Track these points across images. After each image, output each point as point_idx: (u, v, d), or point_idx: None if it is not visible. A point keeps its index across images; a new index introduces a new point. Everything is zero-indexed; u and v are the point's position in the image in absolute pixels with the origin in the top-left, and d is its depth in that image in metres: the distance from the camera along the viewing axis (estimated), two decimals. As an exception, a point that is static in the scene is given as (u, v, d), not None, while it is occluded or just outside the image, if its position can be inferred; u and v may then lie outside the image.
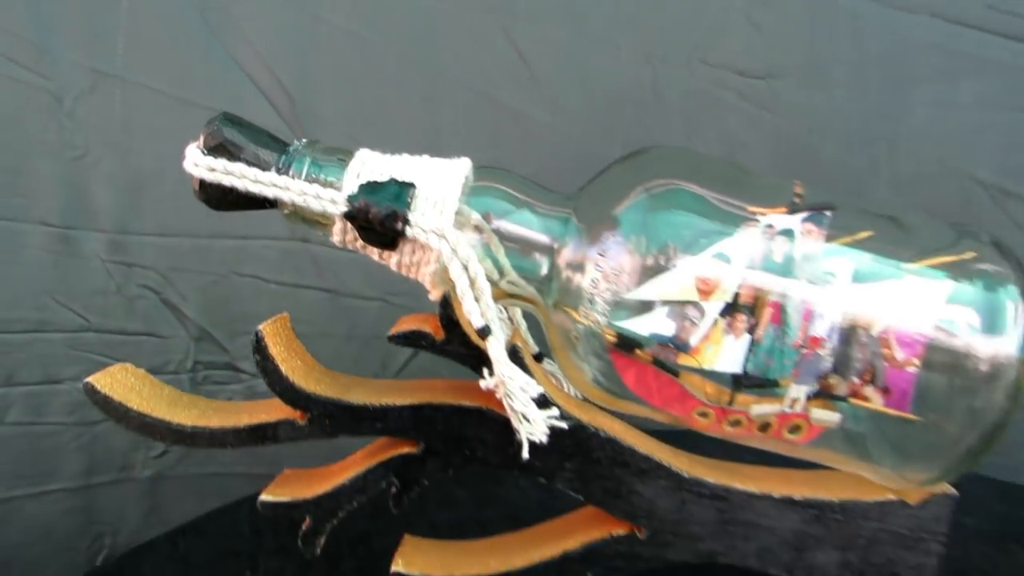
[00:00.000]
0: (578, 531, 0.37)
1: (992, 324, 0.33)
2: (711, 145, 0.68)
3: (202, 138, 0.34)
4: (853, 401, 0.34)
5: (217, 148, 0.33)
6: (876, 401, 0.34)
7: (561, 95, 0.69)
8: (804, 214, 0.34)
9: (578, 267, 0.34)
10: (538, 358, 0.39)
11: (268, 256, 0.72)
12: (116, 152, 0.69)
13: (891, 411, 0.34)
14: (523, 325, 0.40)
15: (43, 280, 0.70)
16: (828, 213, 0.34)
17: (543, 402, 0.34)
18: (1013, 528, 0.48)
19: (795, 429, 0.35)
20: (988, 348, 0.33)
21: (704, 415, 0.35)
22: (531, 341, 0.40)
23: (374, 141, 0.67)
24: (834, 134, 0.67)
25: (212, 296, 0.72)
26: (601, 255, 0.33)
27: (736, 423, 0.35)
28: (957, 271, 0.34)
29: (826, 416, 0.34)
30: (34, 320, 0.70)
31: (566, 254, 0.34)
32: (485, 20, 0.67)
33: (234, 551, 0.46)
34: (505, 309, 0.39)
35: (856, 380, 0.33)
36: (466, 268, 0.32)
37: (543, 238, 0.34)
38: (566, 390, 0.38)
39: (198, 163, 0.33)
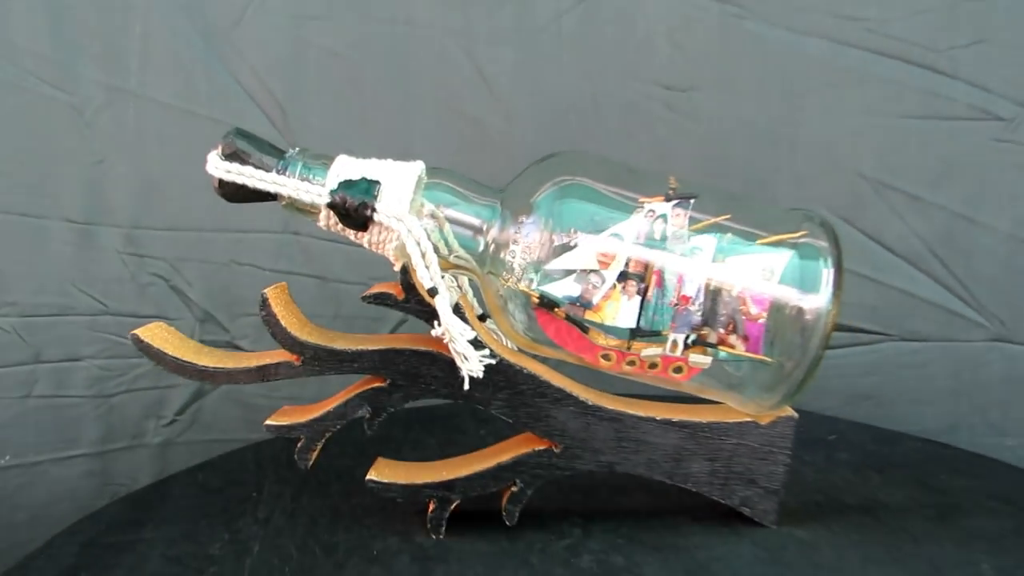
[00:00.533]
0: (510, 449, 0.47)
1: (813, 285, 0.43)
2: (643, 148, 0.75)
3: (220, 147, 0.44)
4: (721, 347, 0.44)
5: (231, 155, 0.43)
6: (738, 347, 0.44)
7: (515, 106, 0.75)
8: (675, 202, 0.44)
9: (504, 243, 0.44)
10: (482, 318, 0.49)
11: (264, 247, 0.77)
12: (130, 158, 0.75)
13: (749, 354, 0.44)
14: (469, 292, 0.50)
15: (66, 270, 0.75)
16: (691, 201, 0.44)
17: (478, 344, 0.44)
18: (875, 460, 0.58)
19: (678, 369, 0.45)
20: (810, 303, 0.43)
21: (607, 357, 0.45)
22: (476, 305, 0.50)
23: (355, 146, 0.73)
24: (744, 138, 0.74)
25: (214, 283, 0.78)
26: (518, 233, 0.44)
27: (632, 363, 0.45)
28: (793, 246, 0.44)
29: (700, 359, 0.45)
30: (58, 305, 0.76)
31: (494, 233, 0.44)
32: (450, 43, 0.74)
33: (243, 480, 0.55)
34: (455, 278, 0.49)
35: (722, 330, 0.44)
36: (419, 244, 0.43)
37: (477, 221, 0.44)
38: (502, 342, 0.48)
39: (217, 167, 0.43)
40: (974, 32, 0.70)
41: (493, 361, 0.45)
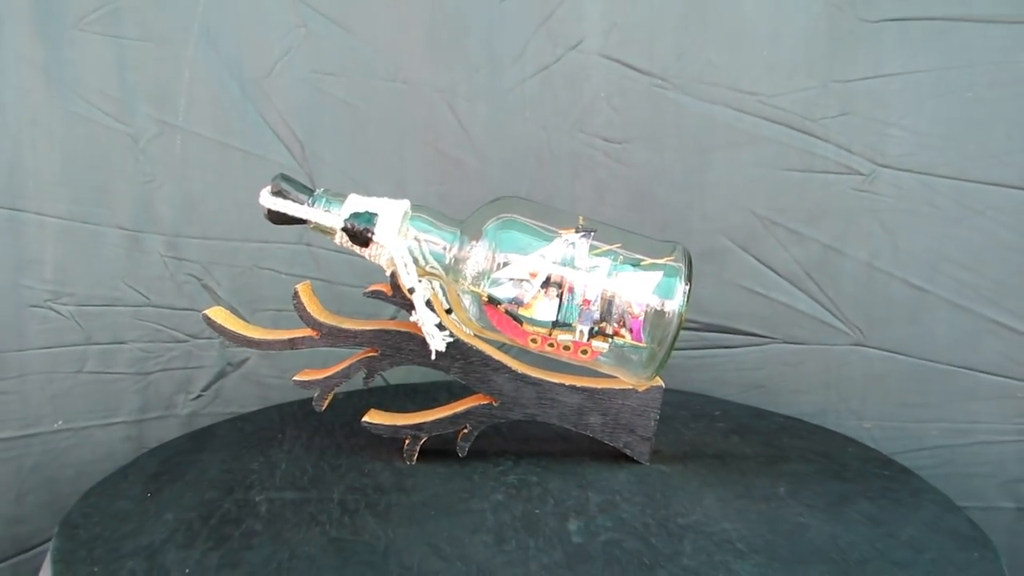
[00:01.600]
0: (463, 404, 0.68)
1: (670, 293, 0.63)
2: (587, 187, 0.88)
3: (269, 186, 0.63)
4: (615, 336, 0.64)
5: (277, 192, 0.63)
6: (627, 336, 0.64)
7: (487, 150, 0.88)
8: (581, 233, 0.65)
9: (462, 259, 0.64)
10: (448, 311, 0.69)
11: (281, 255, 0.89)
12: (175, 179, 0.87)
13: (633, 341, 0.64)
14: (439, 292, 0.69)
15: (117, 268, 0.87)
16: (592, 233, 0.65)
17: (441, 327, 0.65)
18: (742, 430, 0.76)
19: (584, 352, 0.65)
20: (668, 306, 0.63)
21: (534, 341, 0.64)
22: (444, 301, 0.69)
23: (360, 177, 0.91)
24: (664, 182, 0.88)
25: (240, 283, 0.89)
26: (472, 252, 0.64)
27: (551, 346, 0.65)
28: (662, 267, 0.64)
29: (600, 345, 0.64)
30: (109, 297, 0.87)
31: (455, 251, 0.64)
32: (437, 98, 0.88)
33: (271, 427, 0.75)
34: (429, 281, 0.68)
35: (615, 325, 0.64)
36: (402, 258, 0.63)
37: (444, 243, 0.64)
38: (462, 328, 0.68)
39: (267, 200, 0.63)
40: (841, 106, 0.85)
41: (452, 340, 0.65)
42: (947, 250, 0.86)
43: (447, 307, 0.69)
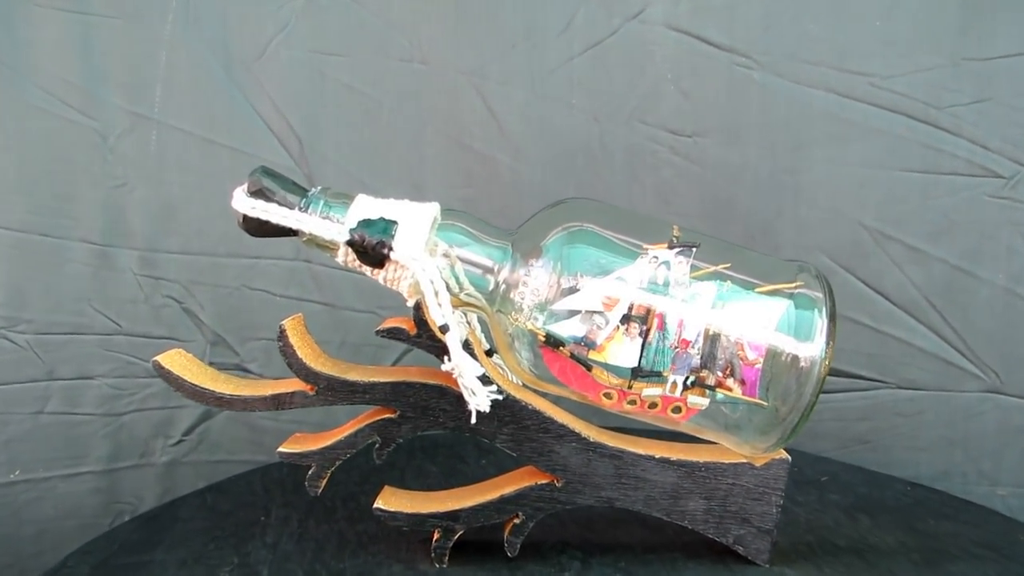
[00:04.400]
0: (514, 482, 0.49)
1: (807, 334, 0.45)
2: (647, 190, 0.76)
3: (246, 184, 0.46)
4: (719, 390, 0.46)
5: (257, 192, 0.45)
6: (735, 390, 0.46)
7: (523, 145, 0.78)
8: (678, 249, 0.47)
9: (513, 284, 0.46)
10: (489, 353, 0.51)
11: (275, 273, 0.79)
12: (150, 183, 0.76)
13: (745, 397, 0.46)
14: (478, 328, 0.52)
15: (83, 289, 0.77)
16: (693, 249, 0.47)
17: (486, 380, 0.47)
18: (866, 504, 0.59)
19: (676, 410, 0.47)
20: (804, 351, 0.45)
21: (609, 396, 0.47)
22: (484, 340, 0.52)
23: (369, 178, 0.79)
24: (747, 184, 0.76)
25: (226, 307, 0.79)
26: (528, 275, 0.46)
27: (632, 402, 0.47)
28: (789, 296, 0.47)
29: (699, 400, 0.47)
30: (73, 324, 0.77)
31: (504, 274, 0.46)
32: (462, 81, 0.76)
33: (251, 504, 0.57)
34: (464, 314, 0.51)
35: (720, 374, 0.46)
36: (432, 283, 0.45)
37: (489, 262, 0.47)
38: (509, 377, 0.51)
39: (243, 203, 0.45)
40: (976, 91, 0.72)
41: (500, 397, 0.47)
42: (1109, 272, 0.73)
43: (487, 347, 0.52)
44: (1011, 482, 0.76)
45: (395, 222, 0.46)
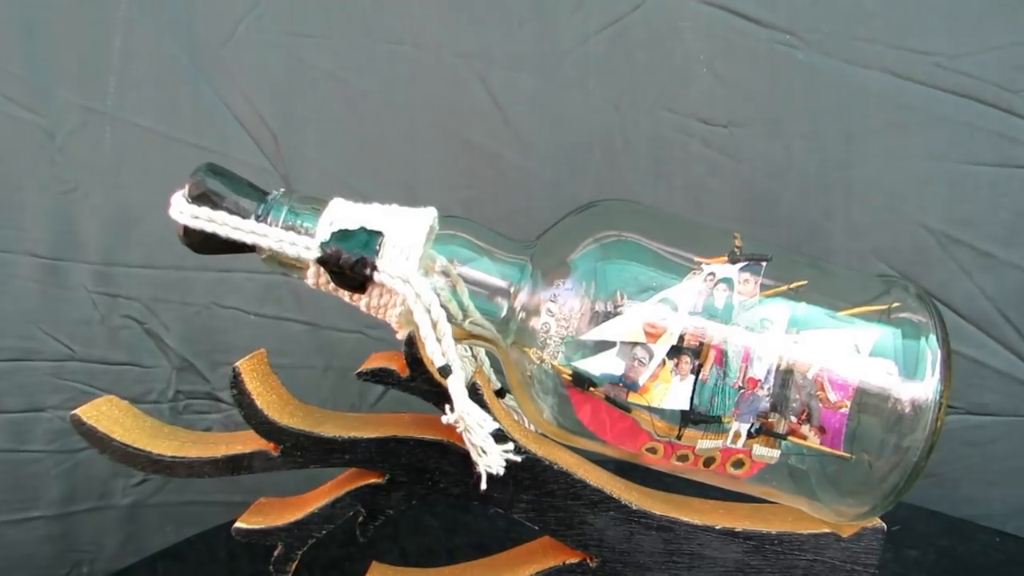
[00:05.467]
0: (535, 559, 0.40)
1: (913, 370, 0.36)
2: (676, 189, 0.70)
3: (187, 187, 0.36)
4: (792, 439, 0.37)
5: (200, 197, 0.36)
6: (812, 439, 0.37)
7: (533, 138, 0.72)
8: (742, 264, 0.37)
9: (533, 310, 0.37)
10: (499, 394, 0.42)
11: (250, 289, 0.73)
12: (105, 187, 0.71)
13: (826, 449, 0.37)
14: (486, 362, 0.43)
15: (29, 309, 0.71)
16: (763, 264, 0.37)
17: (500, 437, 0.37)
18: (950, 563, 0.52)
19: (738, 464, 0.38)
20: (910, 392, 0.36)
21: (653, 451, 0.38)
22: (493, 378, 0.43)
23: (354, 180, 0.70)
24: (792, 181, 0.70)
25: (194, 327, 0.74)
26: (553, 300, 0.36)
27: (683, 458, 0.38)
28: (883, 320, 0.37)
29: (767, 453, 0.37)
30: (19, 349, 0.72)
31: (522, 298, 0.37)
32: (461, 66, 0.70)
33: (211, 574, 0.48)
34: (469, 348, 0.41)
35: (793, 419, 0.36)
36: (428, 311, 0.35)
37: (502, 283, 0.37)
38: (526, 425, 0.41)
39: (183, 211, 0.36)
40: None
41: (518, 459, 0.37)
42: None
43: (497, 387, 0.43)
44: None
45: (380, 233, 0.37)
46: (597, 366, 0.37)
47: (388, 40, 0.71)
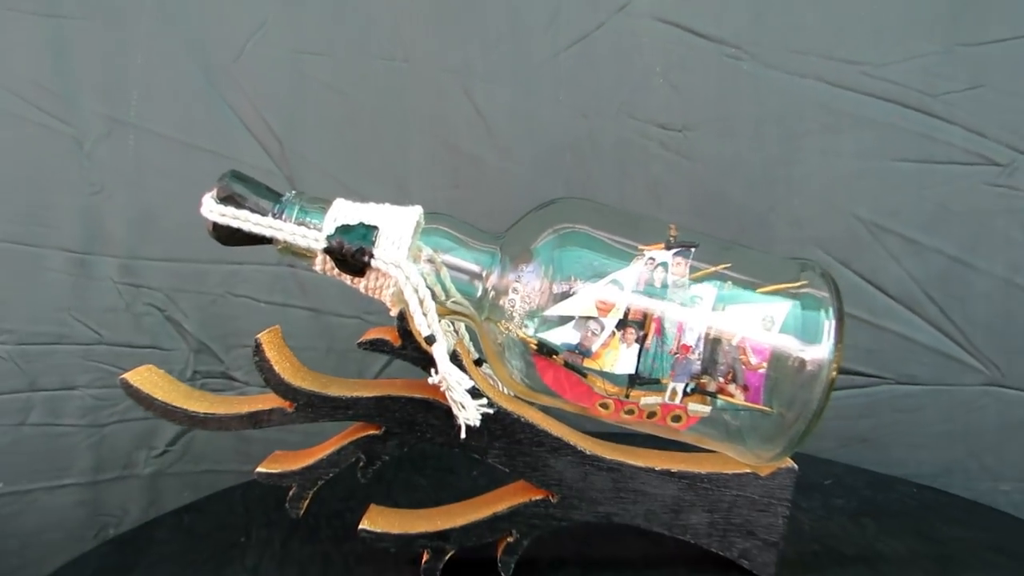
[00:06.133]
0: (507, 498, 0.46)
1: (814, 336, 0.42)
2: (638, 186, 0.73)
3: (215, 190, 0.42)
4: (720, 396, 0.43)
5: (227, 198, 0.41)
6: (738, 396, 0.42)
7: (511, 143, 0.74)
8: (675, 250, 0.43)
9: (503, 290, 0.42)
10: (478, 363, 0.48)
11: (259, 279, 0.76)
12: (128, 188, 0.74)
13: (749, 404, 0.43)
14: (466, 337, 0.48)
15: (62, 299, 0.74)
16: (692, 249, 0.43)
17: (476, 393, 0.43)
18: (871, 508, 0.56)
19: (676, 418, 0.43)
20: (811, 354, 0.41)
21: (605, 406, 0.44)
22: (472, 349, 0.48)
23: (352, 181, 0.74)
24: (740, 178, 0.73)
25: (210, 314, 0.76)
26: (518, 281, 0.42)
27: (630, 412, 0.44)
28: (794, 296, 0.43)
29: (700, 408, 0.43)
30: (53, 334, 0.75)
31: (493, 280, 0.43)
32: (447, 79, 0.73)
33: (230, 524, 0.54)
34: (452, 323, 0.47)
35: (721, 380, 0.42)
36: (416, 291, 0.41)
37: (476, 268, 0.43)
38: (500, 388, 0.47)
39: (212, 210, 0.41)
40: (970, 78, 0.69)
41: (491, 411, 0.43)
42: (1110, 261, 0.70)
43: (476, 357, 0.48)
44: (1015, 477, 0.73)
45: (375, 227, 0.42)
46: (557, 336, 0.42)
47: (381, 56, 0.73)
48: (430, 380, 0.43)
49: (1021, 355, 0.72)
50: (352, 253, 0.41)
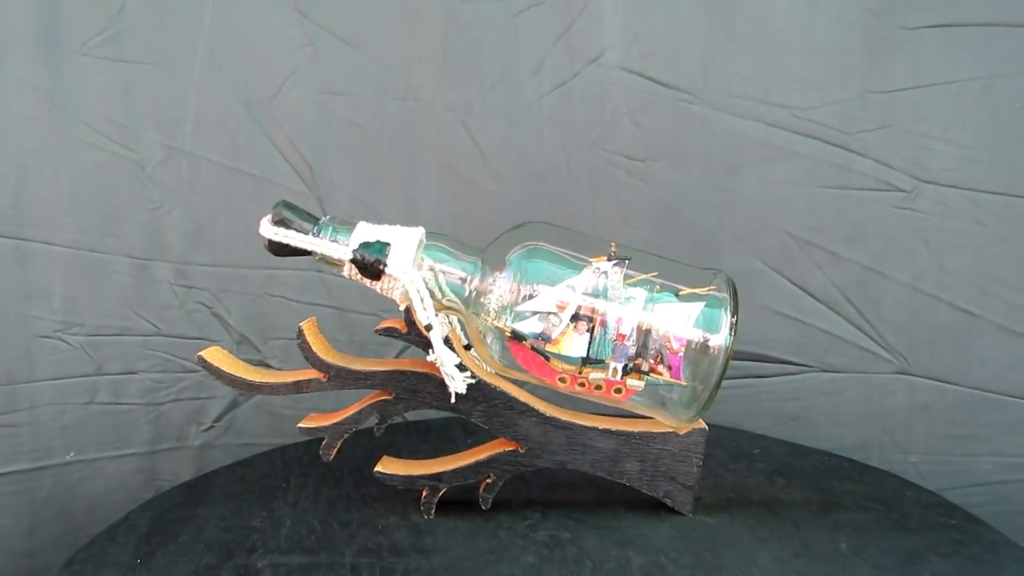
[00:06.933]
0: (485, 450, 0.58)
1: (716, 328, 0.54)
2: (608, 207, 0.81)
3: (270, 215, 0.54)
4: (651, 374, 0.54)
5: (279, 222, 0.54)
6: (664, 374, 0.54)
7: (503, 170, 0.82)
8: (614, 261, 0.55)
9: (484, 291, 0.54)
10: (467, 347, 0.59)
11: (292, 282, 0.84)
12: (182, 205, 0.81)
13: (672, 380, 0.54)
14: (458, 328, 0.59)
15: (126, 297, 0.82)
16: (626, 261, 0.55)
17: (462, 368, 0.55)
18: (786, 470, 0.67)
19: (618, 391, 0.55)
20: (713, 341, 0.54)
21: (563, 380, 0.55)
22: (463, 336, 0.59)
23: (370, 200, 0.84)
24: (691, 202, 0.82)
25: (250, 311, 0.84)
26: (495, 284, 0.54)
27: (582, 385, 0.55)
28: (704, 297, 0.55)
29: (636, 383, 0.55)
30: (118, 326, 0.82)
31: (476, 283, 0.55)
32: (449, 116, 0.81)
33: (273, 474, 0.65)
34: (447, 316, 0.59)
35: (651, 361, 0.54)
36: (418, 291, 0.53)
37: (463, 274, 0.55)
38: (482, 367, 0.58)
39: (267, 230, 0.54)
40: (880, 119, 0.77)
41: (473, 381, 0.55)
42: (996, 271, 0.79)
43: (466, 343, 0.60)
44: (921, 450, 0.82)
45: (389, 244, 0.54)
46: (526, 327, 0.54)
47: (396, 96, 0.81)
48: (428, 358, 0.55)
49: (925, 348, 0.81)
50: (371, 263, 0.53)
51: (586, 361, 0.54)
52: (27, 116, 0.78)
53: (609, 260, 0.55)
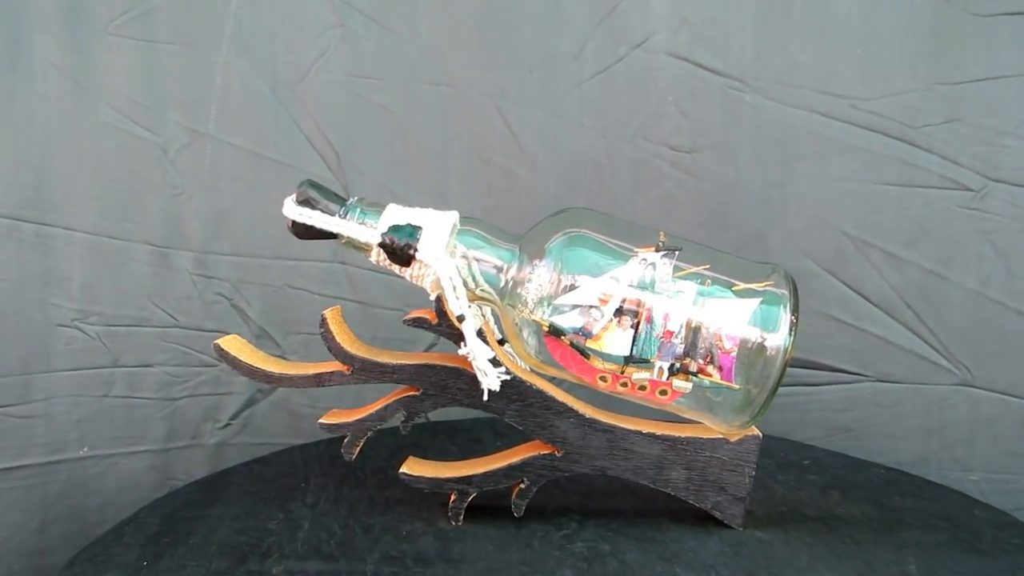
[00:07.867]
0: (519, 453, 0.55)
1: (774, 326, 0.50)
2: (650, 201, 0.79)
3: (295, 195, 0.51)
4: (700, 375, 0.51)
5: (304, 202, 0.51)
6: (714, 375, 0.51)
7: (539, 159, 0.80)
8: (663, 252, 0.52)
9: (521, 281, 0.52)
10: (501, 342, 0.57)
11: (314, 274, 0.82)
12: (205, 191, 0.80)
13: (723, 382, 0.51)
14: (491, 319, 0.57)
15: (144, 286, 0.81)
16: (676, 252, 0.52)
17: (496, 363, 0.52)
18: (840, 483, 0.63)
19: (663, 392, 0.52)
20: (771, 341, 0.50)
21: (604, 379, 0.52)
22: (496, 330, 0.57)
23: (399, 189, 0.82)
24: (740, 196, 0.79)
25: (270, 303, 0.82)
26: (533, 273, 0.52)
27: (624, 385, 0.52)
28: (760, 293, 0.51)
29: (683, 384, 0.52)
30: (135, 317, 0.81)
31: (512, 272, 0.52)
32: (484, 102, 0.79)
33: (292, 473, 0.63)
34: (480, 307, 0.56)
35: (700, 361, 0.51)
36: (451, 279, 0.51)
37: (499, 262, 0.52)
38: (517, 362, 0.56)
39: (291, 210, 0.51)
40: (947, 112, 0.75)
41: (508, 377, 0.52)
42: (1069, 277, 0.76)
43: (499, 337, 0.57)
44: (982, 468, 0.79)
45: (420, 227, 0.51)
46: (565, 321, 0.51)
47: (427, 81, 0.79)
48: (460, 352, 0.52)
49: (989, 359, 0.77)
50: (401, 247, 0.51)
51: (629, 360, 0.51)
52: (52, 96, 0.77)
53: (657, 251, 0.52)
